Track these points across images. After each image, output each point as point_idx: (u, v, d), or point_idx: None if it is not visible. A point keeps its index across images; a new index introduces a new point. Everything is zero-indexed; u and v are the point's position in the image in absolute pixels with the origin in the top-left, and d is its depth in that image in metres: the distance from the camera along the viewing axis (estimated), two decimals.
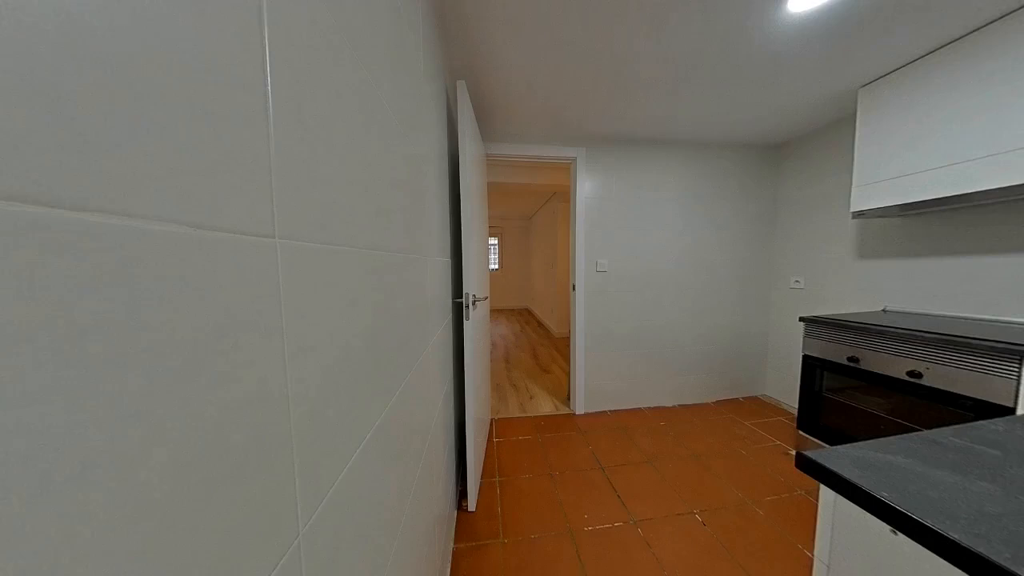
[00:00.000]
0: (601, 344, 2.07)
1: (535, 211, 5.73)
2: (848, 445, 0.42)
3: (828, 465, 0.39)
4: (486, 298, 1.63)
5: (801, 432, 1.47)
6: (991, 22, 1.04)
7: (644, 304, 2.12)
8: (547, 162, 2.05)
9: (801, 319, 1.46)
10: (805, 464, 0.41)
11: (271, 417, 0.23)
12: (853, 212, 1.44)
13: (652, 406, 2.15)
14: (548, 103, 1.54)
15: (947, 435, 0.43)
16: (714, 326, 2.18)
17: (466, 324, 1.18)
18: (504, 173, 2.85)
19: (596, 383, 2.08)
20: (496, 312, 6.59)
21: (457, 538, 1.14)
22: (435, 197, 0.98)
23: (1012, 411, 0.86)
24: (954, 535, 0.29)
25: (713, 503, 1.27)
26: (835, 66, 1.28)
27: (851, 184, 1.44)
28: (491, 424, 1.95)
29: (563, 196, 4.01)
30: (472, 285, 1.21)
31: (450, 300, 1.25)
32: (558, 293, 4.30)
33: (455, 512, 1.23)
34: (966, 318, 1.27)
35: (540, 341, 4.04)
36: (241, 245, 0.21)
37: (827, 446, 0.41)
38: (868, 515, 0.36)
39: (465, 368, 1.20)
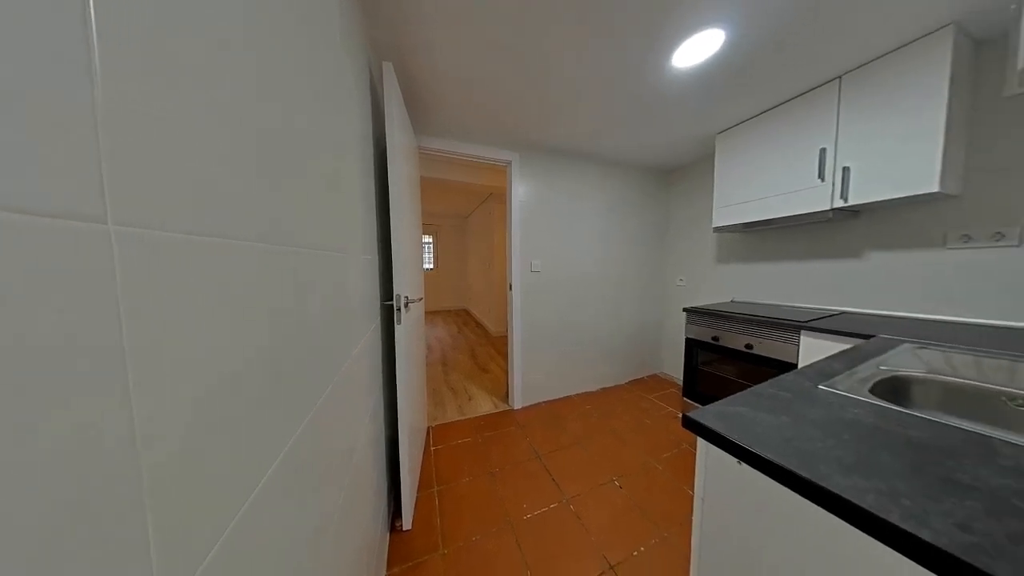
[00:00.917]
0: (535, 340, 2.20)
1: (472, 210, 5.68)
2: (712, 404, 0.55)
3: (700, 420, 0.50)
4: (420, 299, 1.54)
5: (686, 399, 1.87)
6: (788, 100, 1.52)
7: (572, 302, 2.34)
8: (484, 163, 2.06)
9: (684, 310, 1.85)
10: (687, 423, 0.52)
11: (103, 473, 0.17)
12: (714, 228, 1.91)
13: (580, 392, 2.39)
14: (485, 105, 1.55)
15: (765, 388, 0.62)
16: (625, 318, 2.57)
17: (398, 328, 1.09)
18: (440, 169, 2.74)
19: (532, 377, 2.20)
20: (432, 314, 6.29)
21: (391, 562, 1.04)
22: (358, 187, 0.87)
23: (796, 366, 1.28)
24: (767, 455, 0.41)
25: (627, 469, 1.50)
26: (703, 114, 1.66)
27: (713, 207, 1.91)
28: (428, 432, 1.85)
29: (499, 198, 4.09)
30: (404, 285, 1.13)
31: (378, 303, 1.13)
32: (495, 293, 4.37)
33: (388, 535, 1.12)
34: (776, 304, 1.83)
35: (478, 341, 4.03)
36: (36, 231, 0.14)
37: (701, 407, 0.54)
38: (725, 453, 0.48)
39: (397, 376, 1.10)
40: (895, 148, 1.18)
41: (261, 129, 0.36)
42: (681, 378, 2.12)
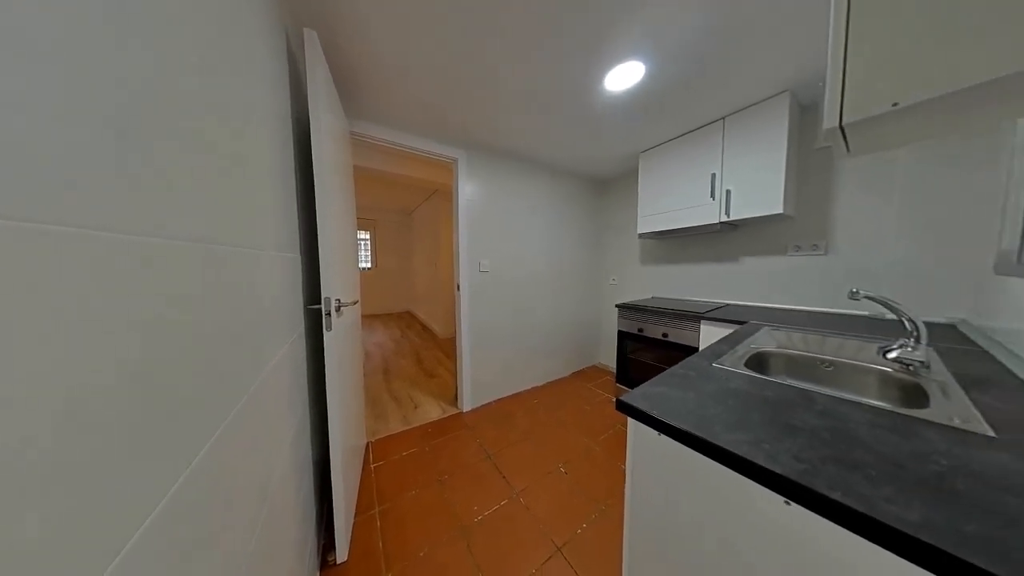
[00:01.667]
0: (484, 340, 2.20)
1: (416, 206, 5.37)
2: (639, 387, 0.64)
3: (629, 402, 0.58)
4: (356, 302, 1.39)
5: (619, 385, 2.11)
6: (692, 130, 1.85)
7: (521, 301, 2.42)
8: (428, 157, 1.97)
9: (616, 306, 2.10)
10: (619, 406, 0.60)
11: None
12: (638, 234, 2.20)
13: (528, 388, 2.49)
14: (429, 99, 1.48)
15: (677, 369, 0.75)
16: (568, 315, 2.77)
17: (327, 336, 0.97)
18: (380, 159, 2.52)
19: (481, 377, 2.19)
20: (371, 318, 5.73)
21: None
22: (272, 171, 0.75)
23: (697, 350, 1.57)
24: (677, 424, 0.50)
25: (571, 455, 1.62)
26: (630, 134, 1.90)
27: (637, 216, 2.20)
28: (367, 448, 1.69)
29: (446, 195, 3.97)
30: (335, 287, 1.01)
31: (301, 307, 0.99)
32: (443, 294, 4.22)
33: (317, 574, 0.98)
34: (685, 299, 2.21)
35: (424, 345, 3.84)
36: None
37: (631, 391, 0.61)
38: (648, 427, 0.56)
39: (328, 390, 0.98)
40: (757, 178, 1.55)
41: (122, 85, 0.28)
42: (615, 366, 2.39)
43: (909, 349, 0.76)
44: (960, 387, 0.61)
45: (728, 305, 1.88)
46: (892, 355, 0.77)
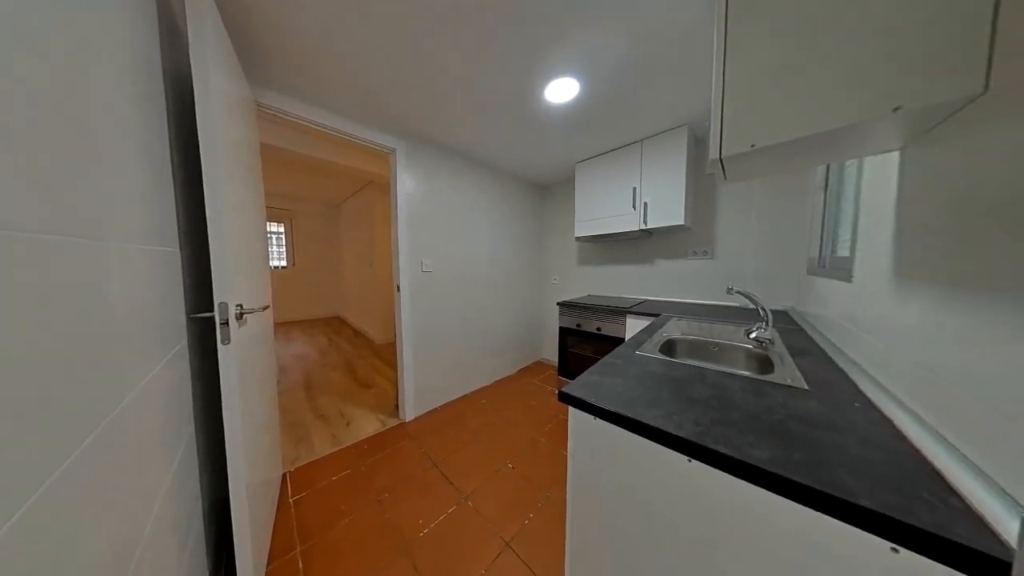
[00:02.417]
0: (429, 343, 2.10)
1: (345, 198, 4.78)
2: (578, 378, 0.70)
3: (569, 392, 0.63)
4: (266, 308, 1.17)
5: (560, 377, 2.26)
6: (620, 147, 2.09)
7: (467, 301, 2.38)
8: (363, 145, 1.77)
9: (557, 304, 2.24)
10: (561, 397, 0.64)
11: None
12: (575, 237, 2.40)
13: (476, 389, 2.47)
14: (361, 79, 1.33)
15: (609, 359, 0.84)
16: (514, 313, 2.85)
17: (223, 351, 0.79)
18: (300, 141, 2.15)
19: (426, 383, 2.09)
20: (289, 325, 4.89)
21: None
22: (132, 138, 0.58)
23: (624, 340, 1.79)
24: (609, 407, 0.56)
25: (519, 449, 1.67)
26: (569, 145, 2.05)
27: (574, 220, 2.39)
28: (284, 480, 1.44)
29: (382, 187, 3.63)
30: (235, 290, 0.83)
31: (183, 316, 0.79)
32: (380, 295, 3.85)
33: None
34: (615, 296, 2.49)
35: (358, 353, 3.45)
36: None
37: (571, 382, 0.66)
38: (586, 414, 0.62)
39: (225, 418, 0.80)
40: (666, 194, 1.85)
41: None
42: (557, 361, 2.55)
43: (762, 330, 1.01)
44: (790, 356, 0.84)
45: (647, 300, 2.20)
46: (752, 335, 1.02)
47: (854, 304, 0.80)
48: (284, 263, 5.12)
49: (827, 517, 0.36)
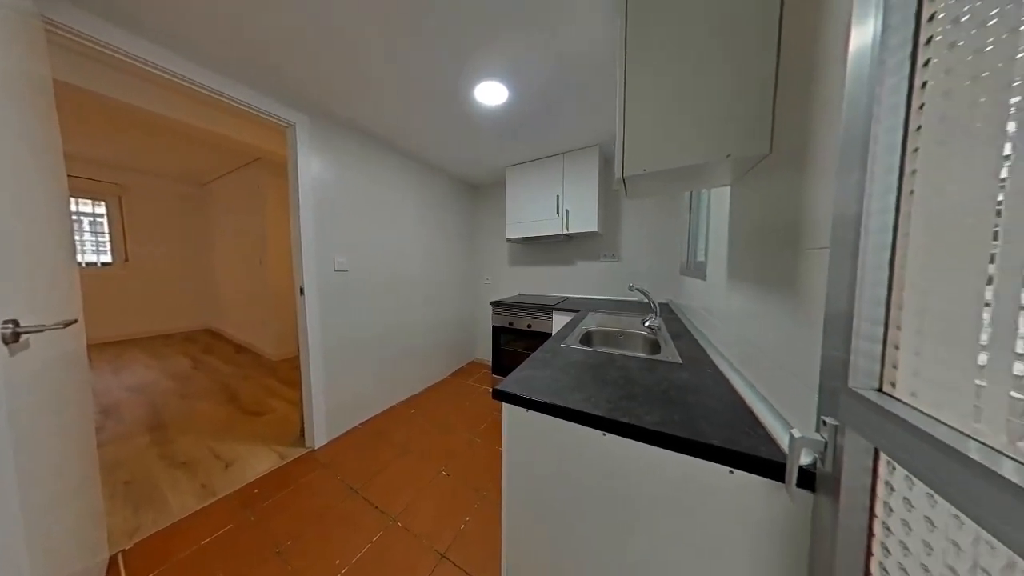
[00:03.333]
0: (345, 354, 1.83)
1: (217, 175, 3.71)
2: (511, 374, 0.73)
3: (503, 389, 0.65)
4: (71, 323, 0.81)
5: (495, 375, 2.31)
6: (547, 157, 2.25)
7: (392, 303, 2.17)
8: (242, 110, 1.41)
9: (490, 303, 2.28)
10: (495, 395, 0.66)
11: None
12: (507, 238, 2.49)
13: (405, 398, 2.28)
14: (243, 28, 1.05)
15: (538, 353, 0.90)
16: (447, 315, 2.76)
17: None
18: (135, 89, 1.55)
19: (343, 399, 1.82)
20: (120, 346, 3.49)
21: None
22: None
23: (551, 335, 1.96)
24: (539, 398, 0.61)
25: (453, 454, 1.63)
26: (500, 148, 2.10)
27: (505, 222, 2.47)
28: (114, 564, 1.03)
29: (275, 168, 2.97)
30: (8, 297, 0.56)
31: None
32: (275, 301, 3.14)
33: None
34: (543, 295, 2.69)
35: (243, 374, 2.74)
36: None
37: (504, 379, 0.68)
38: (519, 407, 0.65)
39: None
40: (583, 203, 2.10)
41: None
42: (491, 359, 2.59)
43: (653, 319, 1.26)
44: (671, 338, 1.07)
45: (570, 298, 2.46)
46: (647, 324, 1.26)
47: (707, 296, 1.08)
48: (108, 258, 3.64)
49: (693, 458, 0.48)
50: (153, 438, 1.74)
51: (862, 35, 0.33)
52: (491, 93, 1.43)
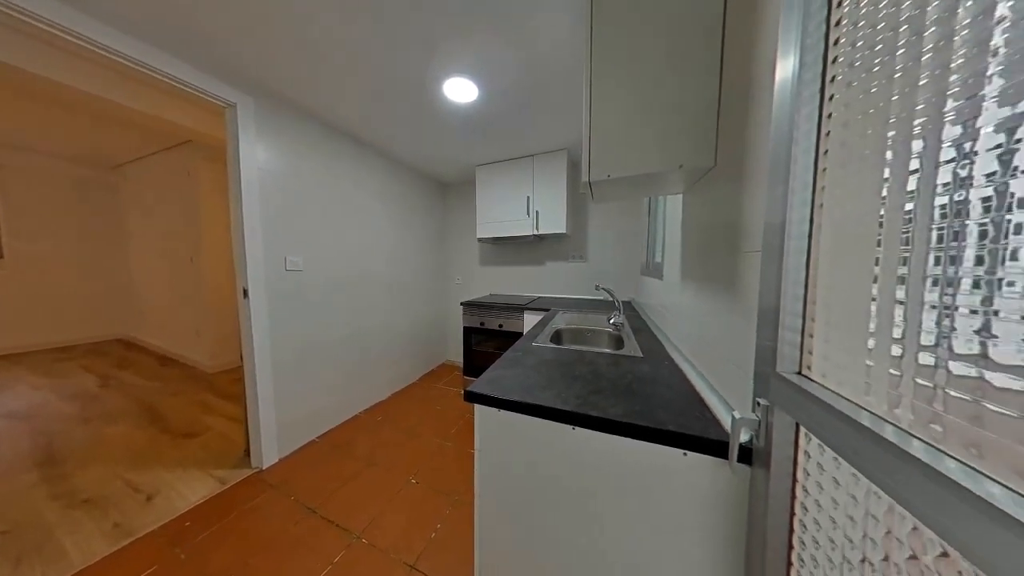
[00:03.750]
0: (302, 361, 1.68)
1: (132, 157, 3.17)
2: (482, 375, 0.73)
3: (474, 390, 0.65)
4: None
5: (466, 377, 2.27)
6: (518, 158, 2.27)
7: (356, 305, 2.03)
8: (168, 84, 1.22)
9: (461, 303, 2.25)
10: (467, 397, 0.65)
11: None
12: (477, 238, 2.47)
13: (370, 406, 2.15)
14: None
15: (510, 353, 0.91)
16: (415, 317, 2.65)
17: None
18: (15, 47, 1.25)
19: (297, 411, 1.66)
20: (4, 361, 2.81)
21: None
22: None
23: (522, 334, 1.98)
24: (510, 397, 0.61)
25: (422, 461, 1.57)
26: (470, 147, 2.08)
27: (476, 222, 2.45)
28: None
29: (212, 152, 2.62)
30: None
31: None
32: (211, 304, 2.76)
33: None
34: (514, 294, 2.70)
35: (172, 390, 2.38)
36: None
37: (476, 380, 0.68)
38: (491, 408, 0.65)
39: None
40: (552, 205, 2.16)
41: None
42: (462, 361, 2.55)
43: (617, 317, 1.34)
44: (633, 334, 1.15)
45: (540, 297, 2.51)
46: (612, 321, 1.33)
47: (664, 294, 1.18)
48: None
49: (653, 444, 0.52)
50: (42, 474, 1.43)
51: (784, 69, 0.38)
52: (461, 90, 1.41)
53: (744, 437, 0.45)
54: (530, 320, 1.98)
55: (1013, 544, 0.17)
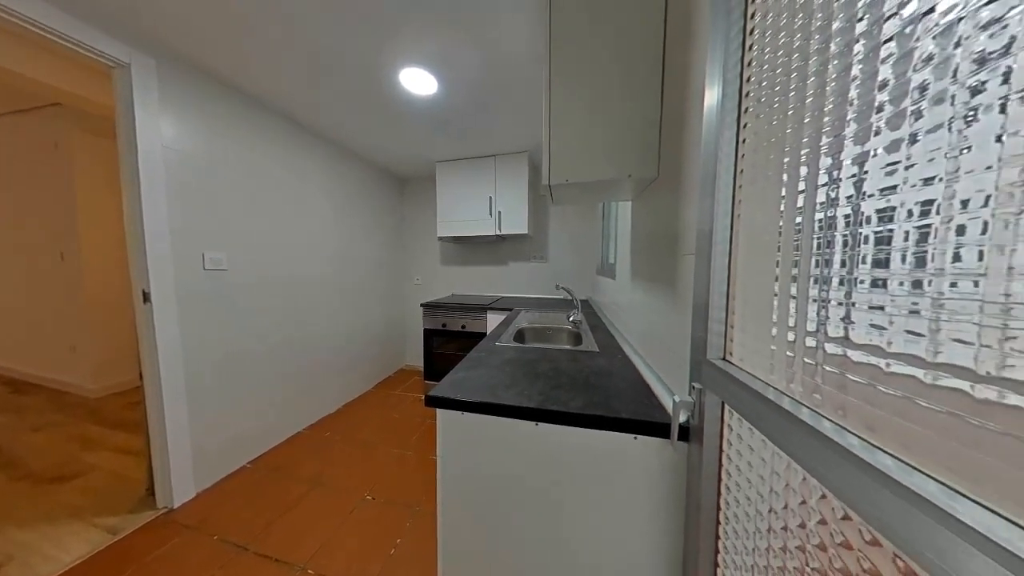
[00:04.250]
0: (229, 375, 1.44)
1: None
2: (444, 378, 0.71)
3: (436, 394, 0.63)
4: None
5: (427, 381, 2.19)
6: (480, 156, 2.24)
7: (300, 309, 1.81)
8: (16, 23, 0.94)
9: (421, 305, 2.16)
10: (428, 401, 0.63)
11: None
12: (438, 237, 2.39)
13: (315, 421, 1.94)
14: None
15: (473, 353, 0.90)
16: (369, 318, 2.46)
17: None
18: None
19: (221, 435, 1.42)
20: None
21: None
22: None
23: (486, 334, 1.98)
24: (474, 399, 0.61)
25: (380, 474, 1.47)
26: (430, 142, 2.00)
27: (436, 220, 2.37)
28: None
29: (91, 122, 2.10)
30: None
31: None
32: (92, 312, 2.22)
33: None
34: (477, 295, 2.68)
35: (32, 423, 1.86)
36: None
37: (438, 383, 0.66)
38: (454, 411, 0.63)
39: None
40: (514, 206, 2.19)
41: None
42: (423, 365, 2.45)
43: (576, 315, 1.41)
44: (590, 330, 1.22)
45: (503, 297, 2.52)
46: (571, 319, 1.40)
47: (617, 293, 1.28)
48: None
49: (609, 432, 0.56)
50: None
51: (711, 97, 0.44)
52: (419, 81, 1.35)
53: (683, 418, 0.51)
54: (494, 320, 1.98)
55: (866, 484, 0.22)
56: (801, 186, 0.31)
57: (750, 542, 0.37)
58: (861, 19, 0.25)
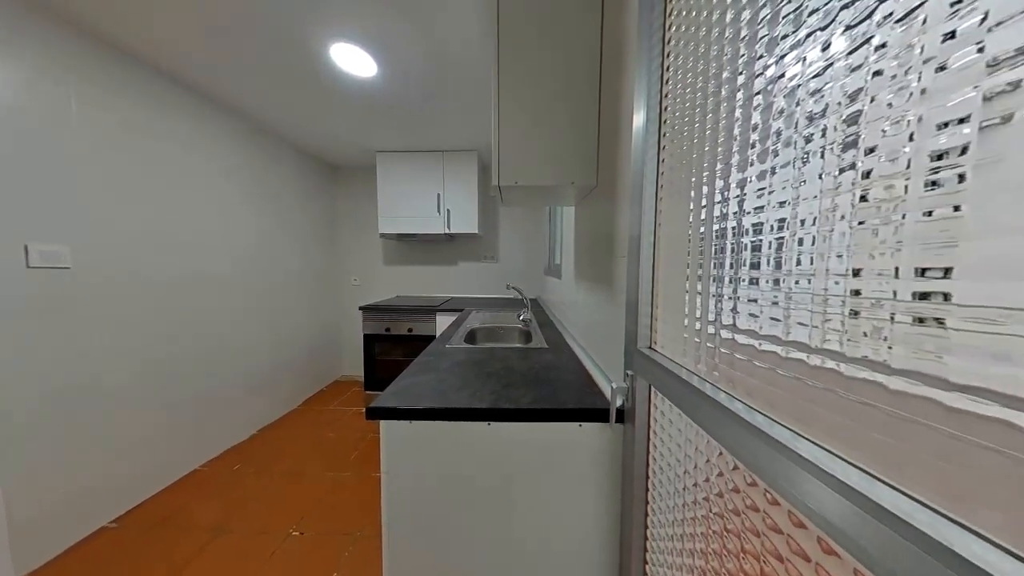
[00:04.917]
0: (64, 416, 1.08)
1: None
2: (389, 386, 0.66)
3: (380, 406, 0.58)
4: None
5: (368, 392, 1.99)
6: (427, 151, 2.12)
7: (192, 317, 1.46)
8: None
9: (360, 308, 1.96)
10: (370, 414, 0.57)
11: None
12: (380, 234, 2.20)
13: (218, 454, 1.60)
14: None
15: (422, 357, 0.85)
16: (293, 326, 2.13)
17: None
18: None
19: (63, 491, 1.06)
20: None
21: None
22: None
23: (435, 337, 1.90)
24: (422, 405, 0.58)
25: (309, 504, 1.29)
26: (369, 129, 1.82)
27: (377, 215, 2.18)
28: None
29: None
30: None
31: None
32: None
33: None
34: (424, 296, 2.54)
35: None
36: None
37: (381, 393, 0.61)
38: (401, 421, 0.59)
39: None
40: (464, 205, 2.15)
41: None
42: (363, 374, 2.23)
43: (526, 313, 1.46)
44: (539, 328, 1.27)
45: (453, 298, 2.46)
46: (521, 318, 1.44)
47: (563, 292, 1.36)
48: None
49: (557, 423, 0.59)
50: None
51: (639, 118, 0.51)
52: (354, 60, 1.22)
53: (619, 402, 0.58)
54: (443, 322, 1.91)
55: (748, 439, 0.28)
56: (703, 202, 0.38)
57: (671, 501, 0.44)
58: (740, 73, 0.32)
